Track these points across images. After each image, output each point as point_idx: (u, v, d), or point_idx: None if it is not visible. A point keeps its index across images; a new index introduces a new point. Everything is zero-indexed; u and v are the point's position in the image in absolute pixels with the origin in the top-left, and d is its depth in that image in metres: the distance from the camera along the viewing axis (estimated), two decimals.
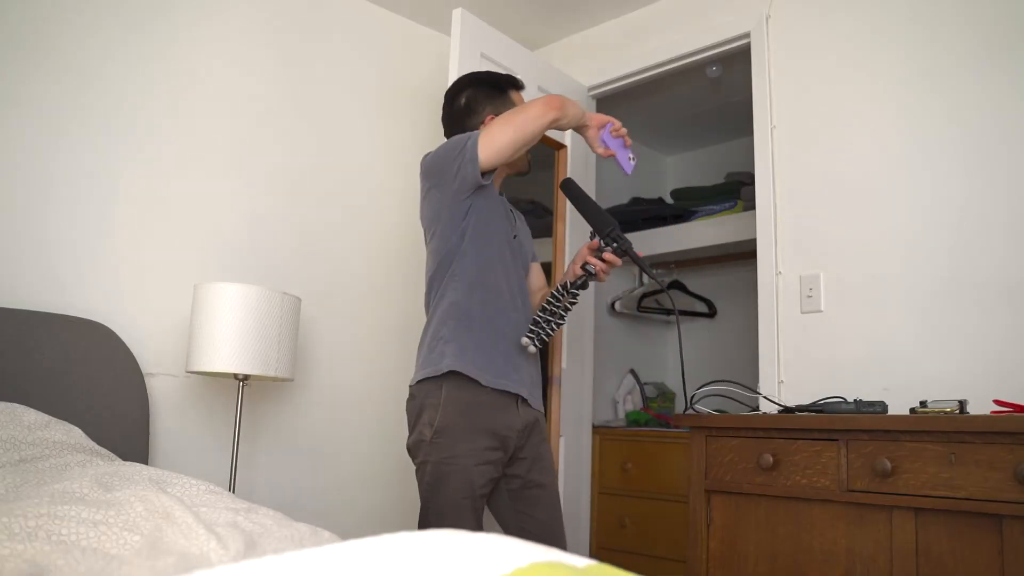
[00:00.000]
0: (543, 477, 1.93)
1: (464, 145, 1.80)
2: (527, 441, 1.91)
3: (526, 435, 1.90)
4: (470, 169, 1.79)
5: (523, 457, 1.91)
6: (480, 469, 1.79)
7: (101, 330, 2.17)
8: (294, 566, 0.59)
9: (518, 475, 1.90)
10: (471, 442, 1.78)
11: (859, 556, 1.71)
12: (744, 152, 2.99)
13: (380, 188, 3.02)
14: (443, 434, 1.79)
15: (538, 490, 1.91)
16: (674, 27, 2.90)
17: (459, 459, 1.77)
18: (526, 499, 1.90)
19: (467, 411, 1.80)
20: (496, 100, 2.00)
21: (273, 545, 1.23)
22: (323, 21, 2.91)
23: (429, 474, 1.80)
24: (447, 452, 1.78)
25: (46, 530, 1.07)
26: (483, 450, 1.79)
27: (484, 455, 1.80)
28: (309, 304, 2.69)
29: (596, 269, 1.85)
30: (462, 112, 2.00)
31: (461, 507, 1.76)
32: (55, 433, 1.74)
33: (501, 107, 1.98)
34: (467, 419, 1.80)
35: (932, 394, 1.97)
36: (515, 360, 1.88)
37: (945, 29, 2.19)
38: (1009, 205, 2.03)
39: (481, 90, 2.01)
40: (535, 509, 1.90)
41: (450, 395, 1.80)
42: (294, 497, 2.62)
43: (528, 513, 1.90)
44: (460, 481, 1.77)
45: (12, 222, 2.16)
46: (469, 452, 1.78)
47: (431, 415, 1.81)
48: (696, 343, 4.05)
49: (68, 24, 2.29)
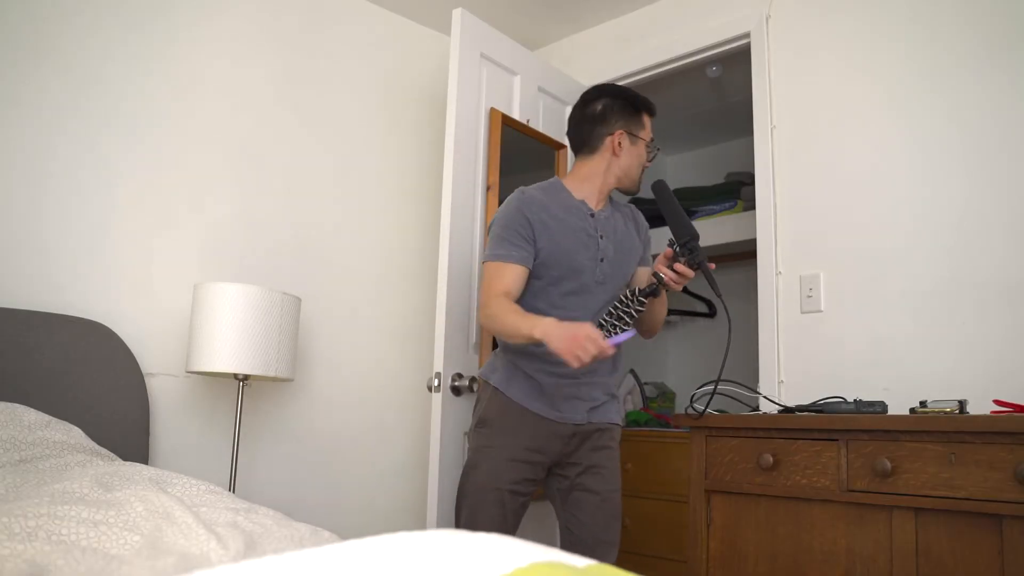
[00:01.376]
0: (595, 484, 1.96)
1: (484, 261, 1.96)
2: (578, 448, 1.98)
3: (577, 442, 1.97)
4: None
5: (574, 462, 1.98)
6: (511, 465, 1.90)
7: (101, 330, 2.17)
8: (294, 566, 0.59)
9: (566, 476, 1.98)
10: (508, 438, 1.92)
11: (859, 556, 1.71)
12: (744, 152, 2.99)
13: (380, 188, 3.02)
14: (485, 424, 1.96)
15: (585, 494, 1.96)
16: (674, 27, 2.90)
17: (493, 451, 1.92)
18: (572, 501, 1.97)
19: (509, 411, 1.94)
20: (630, 118, 2.02)
21: (273, 545, 1.23)
22: (323, 21, 2.91)
23: (468, 459, 1.99)
24: (485, 442, 1.95)
25: (46, 530, 1.07)
26: (519, 448, 1.91)
27: (519, 453, 1.91)
28: (309, 304, 2.69)
29: (667, 279, 1.82)
30: (595, 118, 2.02)
31: (485, 495, 1.89)
32: (55, 433, 1.74)
33: (632, 126, 2.01)
34: (509, 418, 1.93)
35: (932, 394, 1.97)
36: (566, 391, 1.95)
37: (945, 29, 2.19)
38: (1009, 205, 2.03)
39: (618, 103, 2.02)
40: (582, 513, 1.96)
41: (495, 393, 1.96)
42: (294, 497, 2.62)
43: (573, 514, 1.97)
44: (488, 471, 1.90)
45: (12, 222, 2.16)
46: (503, 446, 1.91)
47: (482, 407, 1.99)
48: (696, 343, 4.05)
49: (68, 24, 2.29)
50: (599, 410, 2.00)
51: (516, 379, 1.94)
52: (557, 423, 1.93)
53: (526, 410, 1.92)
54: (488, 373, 2.01)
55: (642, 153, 2.04)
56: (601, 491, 1.96)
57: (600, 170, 2.01)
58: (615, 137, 1.99)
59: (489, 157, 2.56)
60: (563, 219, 1.94)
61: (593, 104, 2.03)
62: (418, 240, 3.09)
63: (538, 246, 1.91)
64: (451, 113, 2.45)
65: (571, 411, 1.95)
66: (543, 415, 1.92)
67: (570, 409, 1.95)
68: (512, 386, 1.94)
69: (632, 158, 2.01)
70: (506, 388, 1.94)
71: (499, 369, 1.97)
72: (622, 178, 2.02)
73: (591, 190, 2.01)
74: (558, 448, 1.94)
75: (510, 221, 1.92)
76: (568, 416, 1.94)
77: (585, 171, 2.02)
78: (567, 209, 1.96)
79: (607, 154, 2.00)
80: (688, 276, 1.81)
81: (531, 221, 1.90)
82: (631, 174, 2.03)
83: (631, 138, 2.00)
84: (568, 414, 1.94)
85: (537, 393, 1.93)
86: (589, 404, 1.97)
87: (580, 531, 1.95)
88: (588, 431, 1.98)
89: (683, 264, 1.81)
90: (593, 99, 2.04)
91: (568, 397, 1.94)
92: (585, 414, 1.97)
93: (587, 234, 1.96)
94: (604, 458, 1.98)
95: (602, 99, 2.02)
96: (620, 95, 2.04)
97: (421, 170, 3.13)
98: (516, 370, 1.94)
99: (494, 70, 2.65)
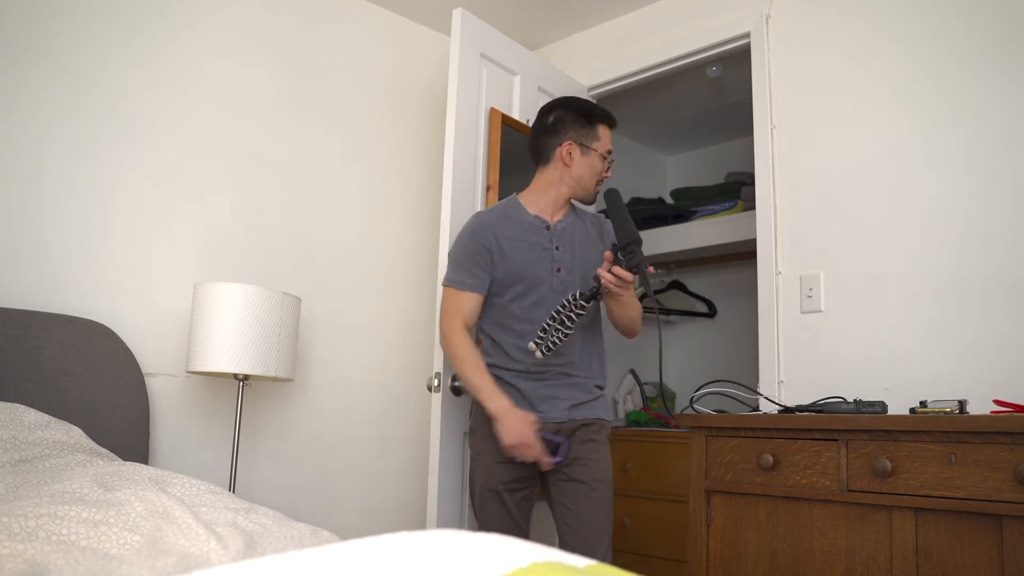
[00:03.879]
0: (582, 474, 2.03)
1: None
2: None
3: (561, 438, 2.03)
4: None
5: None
6: (500, 468, 2.00)
7: (101, 330, 2.17)
8: (294, 566, 0.59)
9: (558, 470, 2.04)
10: (493, 443, 1.98)
11: (859, 556, 1.71)
12: (744, 152, 3.00)
13: (380, 188, 3.02)
14: (474, 434, 2.09)
15: (574, 484, 2.03)
16: (674, 27, 2.90)
17: (483, 456, 2.04)
18: (566, 491, 2.04)
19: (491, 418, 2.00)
20: (582, 129, 2.07)
21: (273, 545, 1.23)
22: (323, 21, 2.91)
23: (470, 464, 2.12)
24: (475, 450, 2.08)
25: (46, 530, 1.07)
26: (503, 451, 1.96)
27: (505, 456, 1.98)
28: (309, 304, 2.69)
29: (604, 281, 1.83)
30: (547, 130, 2.10)
31: (486, 496, 2.02)
32: (55, 433, 1.74)
33: (585, 137, 2.06)
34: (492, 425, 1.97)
35: (932, 394, 1.97)
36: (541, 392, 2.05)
37: (946, 29, 2.19)
38: (1010, 204, 2.03)
39: (571, 114, 2.08)
40: (574, 503, 2.02)
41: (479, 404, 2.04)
42: (294, 497, 2.62)
43: (567, 506, 2.03)
44: (483, 476, 2.03)
45: (12, 222, 2.16)
46: (491, 451, 2.00)
47: (471, 417, 2.12)
48: (696, 343, 4.05)
49: (68, 24, 2.29)
50: (583, 407, 2.07)
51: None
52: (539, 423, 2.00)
53: None
54: None
55: (596, 164, 2.08)
56: (589, 481, 2.02)
57: (554, 181, 2.08)
58: (564, 148, 2.05)
59: (489, 157, 2.56)
60: (517, 238, 2.03)
61: (547, 116, 2.10)
62: (418, 239, 3.09)
63: (495, 267, 2.03)
64: (451, 113, 2.45)
65: (551, 410, 2.02)
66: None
67: (550, 408, 2.03)
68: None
69: (584, 168, 2.06)
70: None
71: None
72: (575, 187, 2.09)
73: (547, 202, 2.09)
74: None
75: (465, 248, 2.04)
76: (548, 415, 2.01)
77: (541, 183, 2.10)
78: (521, 227, 2.05)
79: (559, 164, 2.07)
80: (627, 279, 1.82)
81: (486, 247, 2.02)
82: (584, 184, 2.08)
83: (582, 148, 2.06)
84: (548, 413, 2.02)
85: (517, 399, 2.01)
86: (570, 402, 2.05)
87: (572, 520, 2.01)
88: (572, 427, 2.04)
89: (622, 267, 1.81)
90: (548, 111, 2.11)
91: (546, 398, 2.03)
92: (566, 412, 2.04)
93: (542, 248, 2.05)
94: (590, 450, 2.04)
95: (556, 111, 2.09)
96: (575, 107, 2.11)
97: (421, 170, 3.13)
98: (497, 380, 2.02)
99: (494, 70, 2.65)
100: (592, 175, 2.08)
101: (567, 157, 2.05)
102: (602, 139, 2.09)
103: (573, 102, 2.14)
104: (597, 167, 2.09)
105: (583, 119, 2.08)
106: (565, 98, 2.18)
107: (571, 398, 2.05)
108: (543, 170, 2.11)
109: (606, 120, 2.11)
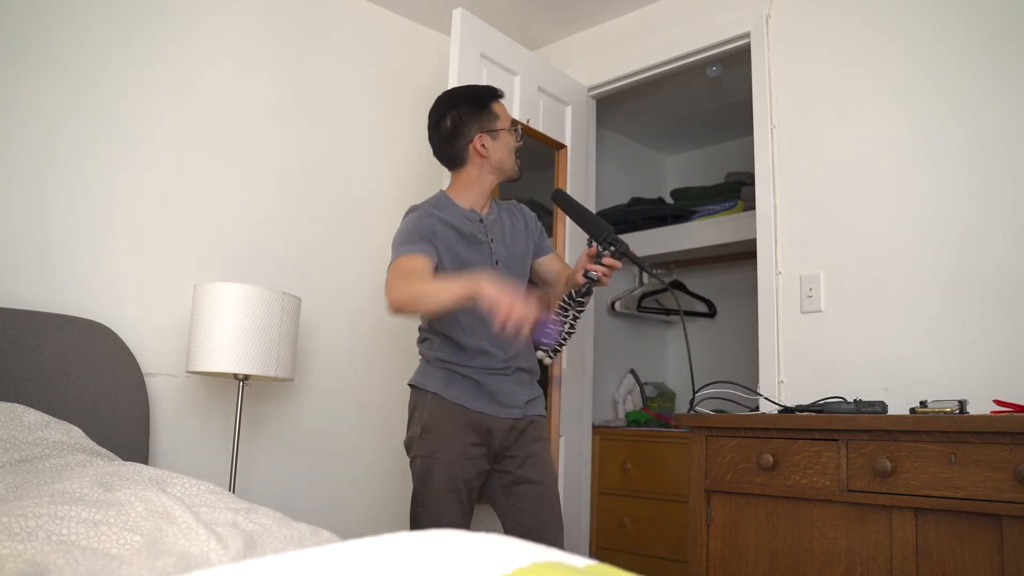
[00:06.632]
0: (536, 474, 2.01)
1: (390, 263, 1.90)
2: (517, 440, 2.01)
3: (516, 434, 2.01)
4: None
5: (513, 455, 2.01)
6: (463, 464, 1.94)
7: (101, 330, 2.17)
8: (294, 566, 0.59)
9: (508, 471, 2.01)
10: (454, 439, 1.94)
11: (859, 556, 1.71)
12: (744, 152, 2.99)
13: (380, 188, 3.02)
14: (431, 431, 1.96)
15: (530, 486, 2.00)
16: (674, 27, 2.90)
17: (443, 454, 1.94)
18: (518, 494, 2.00)
19: (452, 413, 1.96)
20: (481, 117, 2.02)
21: (273, 545, 1.23)
22: (323, 21, 2.91)
23: (418, 467, 1.97)
24: (433, 448, 1.95)
25: (46, 530, 1.07)
26: (466, 446, 1.94)
27: (466, 451, 1.94)
28: (309, 304, 2.69)
29: (598, 275, 1.87)
30: (450, 134, 2.03)
31: (445, 498, 1.93)
32: (55, 433, 1.74)
33: (487, 123, 2.02)
34: (452, 419, 1.95)
35: (932, 394, 1.97)
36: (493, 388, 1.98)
37: (946, 28, 2.19)
38: (1009, 205, 2.03)
39: (464, 109, 2.02)
40: (527, 504, 1.99)
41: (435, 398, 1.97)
42: (294, 497, 2.62)
43: (520, 507, 2.00)
44: (444, 475, 1.93)
45: (12, 222, 2.16)
46: (452, 448, 1.94)
47: (421, 413, 1.99)
48: (696, 343, 4.04)
49: (68, 24, 2.29)
50: (535, 403, 2.07)
51: (454, 382, 1.97)
52: (498, 418, 1.98)
53: (468, 410, 1.96)
54: (422, 381, 2.01)
55: (508, 141, 2.05)
56: (543, 480, 2.02)
57: (476, 177, 2.05)
58: (475, 143, 2.01)
59: None
60: (458, 228, 1.99)
61: (443, 121, 2.04)
62: None
63: (440, 256, 1.93)
64: None
65: (512, 405, 2.00)
66: (485, 412, 1.97)
67: (511, 403, 2.00)
68: (452, 389, 1.96)
69: (501, 151, 2.04)
70: (446, 392, 1.96)
71: (435, 376, 1.99)
72: (499, 172, 2.06)
73: (475, 197, 2.06)
74: (498, 441, 1.99)
75: (411, 229, 1.94)
76: (508, 411, 1.99)
77: (463, 182, 2.06)
78: (459, 218, 2.01)
79: (476, 160, 2.03)
80: (616, 267, 1.89)
81: (432, 231, 1.94)
82: (505, 165, 2.06)
83: (491, 134, 2.02)
84: (509, 409, 1.99)
85: (476, 392, 1.97)
86: (526, 397, 2.04)
87: (528, 521, 1.99)
88: (523, 425, 2.03)
89: (609, 257, 1.87)
90: (441, 116, 2.05)
91: (507, 392, 2.00)
92: (523, 407, 2.02)
93: (478, 240, 2.01)
94: (541, 448, 2.05)
95: (449, 113, 2.03)
96: (463, 100, 2.05)
97: (421, 170, 3.13)
98: (453, 374, 1.98)
99: (494, 70, 2.65)
100: (509, 153, 2.05)
101: (482, 150, 2.01)
102: (501, 116, 2.05)
103: (457, 96, 2.08)
104: (511, 143, 2.05)
105: (477, 107, 2.03)
106: (446, 95, 2.11)
107: (526, 394, 2.04)
108: (461, 171, 2.06)
109: (495, 95, 2.07)
